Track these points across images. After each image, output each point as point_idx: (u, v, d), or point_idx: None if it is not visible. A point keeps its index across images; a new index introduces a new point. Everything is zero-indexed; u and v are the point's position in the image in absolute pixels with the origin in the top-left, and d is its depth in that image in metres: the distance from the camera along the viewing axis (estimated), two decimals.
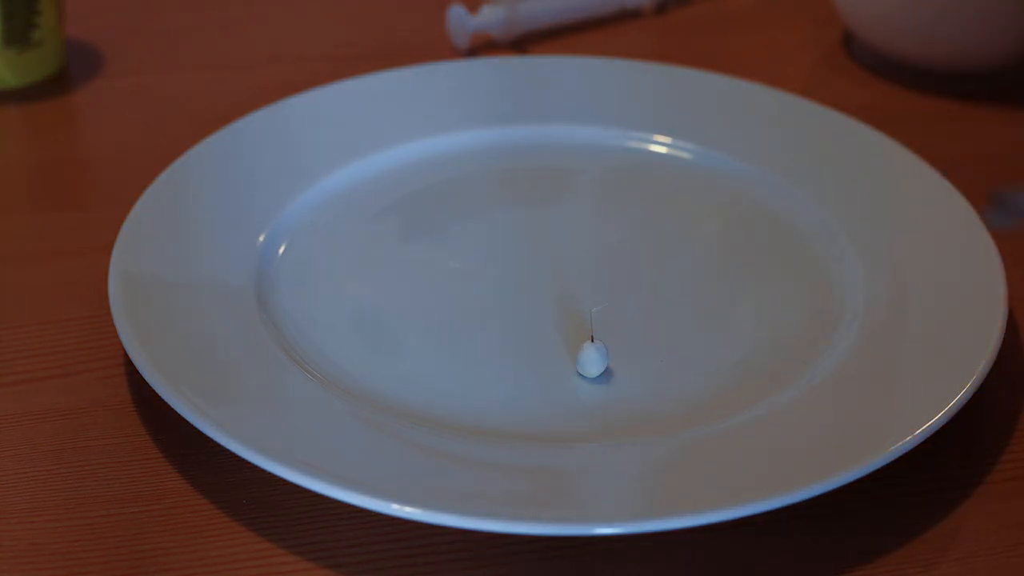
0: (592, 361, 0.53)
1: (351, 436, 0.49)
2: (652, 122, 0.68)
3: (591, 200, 0.65)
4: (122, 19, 0.82)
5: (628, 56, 0.74)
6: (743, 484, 0.47)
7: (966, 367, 0.50)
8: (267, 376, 0.52)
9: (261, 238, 0.60)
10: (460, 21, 0.77)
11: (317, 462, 0.47)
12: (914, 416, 0.49)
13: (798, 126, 0.66)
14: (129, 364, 0.55)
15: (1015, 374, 0.55)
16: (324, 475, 0.46)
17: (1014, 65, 0.73)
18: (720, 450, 0.49)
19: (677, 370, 0.54)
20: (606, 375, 0.53)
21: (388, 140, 0.66)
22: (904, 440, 0.47)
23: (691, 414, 0.51)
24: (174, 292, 0.55)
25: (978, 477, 0.50)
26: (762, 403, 0.51)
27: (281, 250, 0.60)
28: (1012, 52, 0.72)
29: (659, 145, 0.67)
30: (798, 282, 0.58)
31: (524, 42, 0.79)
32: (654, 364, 0.54)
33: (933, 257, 0.57)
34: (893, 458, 0.47)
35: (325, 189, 0.63)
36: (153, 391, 0.50)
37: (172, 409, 0.49)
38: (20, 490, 0.50)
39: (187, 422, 0.48)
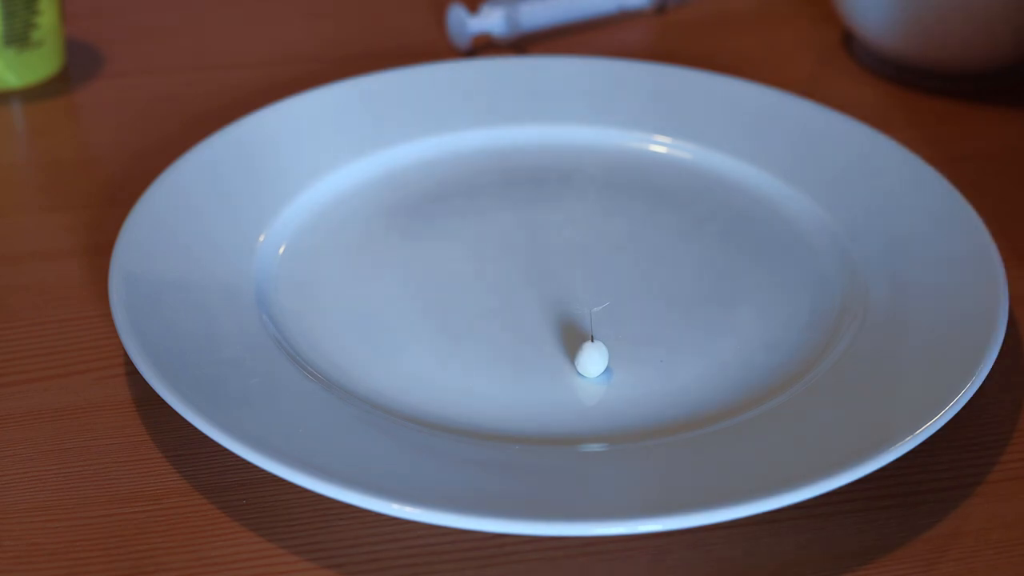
0: (592, 361, 0.53)
1: (351, 436, 0.49)
2: (652, 122, 0.68)
3: (591, 200, 0.65)
4: (122, 19, 0.82)
5: (628, 56, 0.74)
6: (743, 484, 0.47)
7: (966, 367, 0.50)
8: (267, 376, 0.52)
9: (261, 238, 0.60)
10: (460, 21, 0.77)
11: (317, 462, 0.47)
12: (914, 416, 0.49)
13: (798, 126, 0.66)
14: (129, 364, 0.55)
15: (1015, 374, 0.55)
16: (324, 475, 0.46)
17: (1013, 65, 0.73)
18: (720, 450, 0.49)
19: (677, 370, 0.54)
20: (606, 375, 0.53)
21: (388, 140, 0.66)
22: (904, 440, 0.47)
23: (691, 414, 0.51)
24: (174, 292, 0.55)
25: (978, 477, 0.50)
26: (762, 403, 0.51)
27: (281, 250, 0.60)
28: (1011, 52, 0.72)
29: (659, 145, 0.67)
30: (798, 282, 0.58)
31: (524, 42, 0.79)
32: (654, 364, 0.54)
33: (933, 257, 0.57)
34: (893, 458, 0.47)
35: (325, 189, 0.63)
36: (153, 391, 0.50)
37: (172, 409, 0.49)
38: (20, 490, 0.50)
39: (187, 422, 0.48)
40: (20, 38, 0.72)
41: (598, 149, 0.67)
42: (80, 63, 0.76)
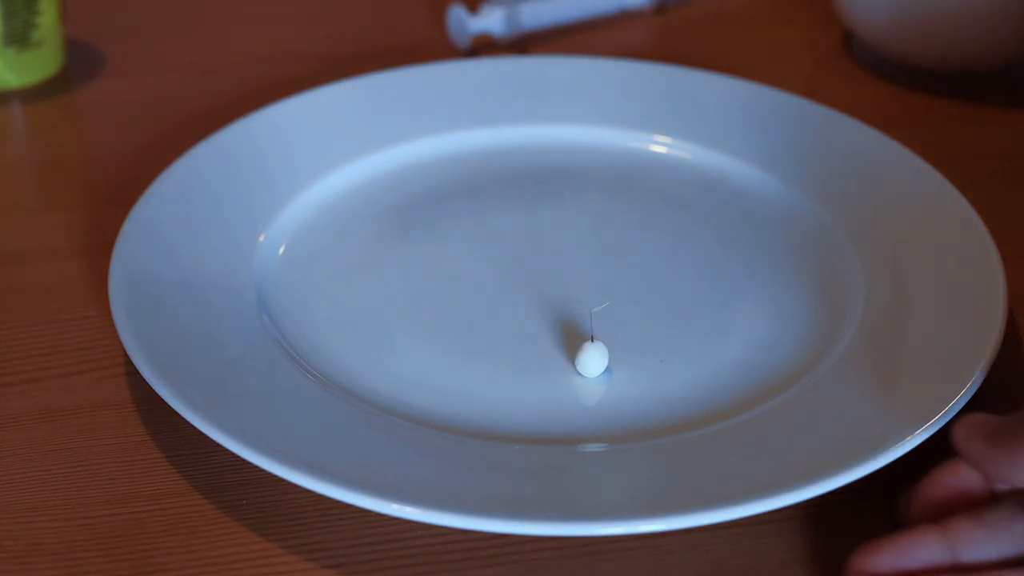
0: (592, 361, 0.53)
1: (351, 436, 0.49)
2: (652, 122, 0.68)
3: (591, 200, 0.65)
4: (122, 19, 0.82)
5: (628, 56, 0.74)
6: (743, 484, 0.47)
7: (966, 367, 0.50)
8: (267, 376, 0.52)
9: (261, 238, 0.60)
10: (460, 21, 0.77)
11: (317, 462, 0.47)
12: (914, 416, 0.49)
13: (798, 126, 0.66)
14: (129, 364, 0.55)
15: (1015, 374, 0.55)
16: (324, 475, 0.46)
17: (1014, 65, 0.73)
18: (720, 450, 0.49)
19: (677, 370, 0.54)
20: (606, 375, 0.53)
21: (388, 140, 0.66)
22: (904, 440, 0.47)
23: (691, 414, 0.51)
24: (174, 292, 0.55)
25: None
26: (762, 403, 0.51)
27: (281, 250, 0.60)
28: (1012, 52, 0.72)
29: (659, 145, 0.67)
30: (798, 282, 0.58)
31: (524, 42, 0.79)
32: (654, 364, 0.54)
33: (933, 257, 0.57)
34: (893, 458, 0.47)
35: (325, 189, 0.63)
36: (153, 391, 0.50)
37: (172, 409, 0.49)
38: (20, 490, 0.50)
39: (187, 422, 0.48)
40: (20, 38, 0.72)
41: (598, 149, 0.67)
42: (80, 63, 0.76)
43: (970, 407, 0.51)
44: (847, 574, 0.44)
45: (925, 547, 0.44)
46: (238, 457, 0.47)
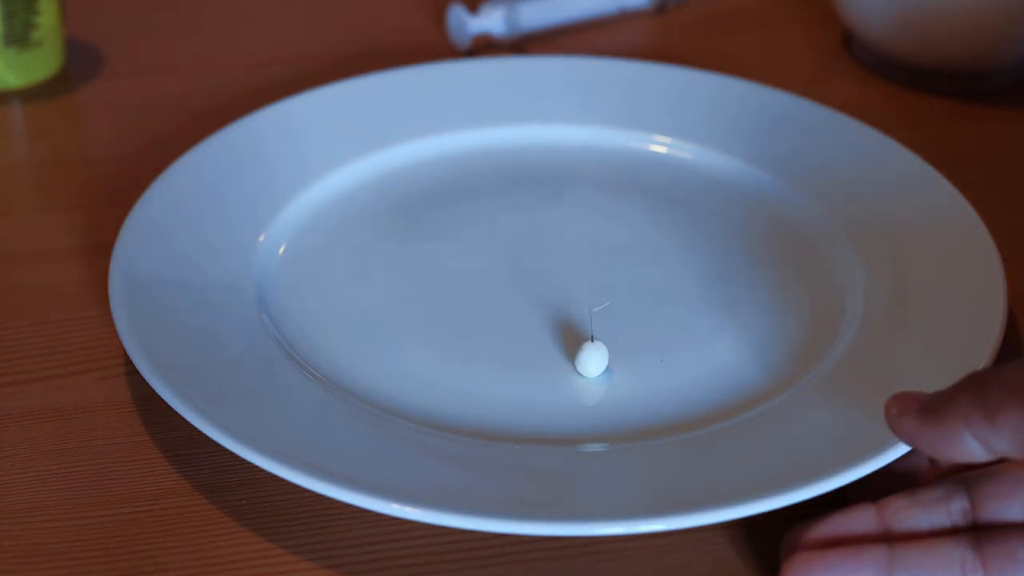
0: (592, 361, 0.53)
1: (351, 436, 0.49)
2: (652, 122, 0.68)
3: (591, 200, 0.65)
4: (122, 19, 0.82)
5: (628, 56, 0.74)
6: (743, 484, 0.47)
7: (966, 368, 0.50)
8: (267, 376, 0.52)
9: (261, 238, 0.60)
10: (460, 21, 0.77)
11: (317, 462, 0.47)
12: None
13: (798, 126, 0.66)
14: (129, 364, 0.55)
15: None
16: (324, 475, 0.46)
17: (1014, 65, 0.73)
18: (720, 450, 0.49)
19: (677, 370, 0.54)
20: (606, 375, 0.53)
21: (388, 140, 0.66)
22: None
23: (691, 414, 0.51)
24: (174, 292, 0.55)
25: None
26: (762, 403, 0.51)
27: (281, 250, 0.60)
28: (1012, 52, 0.72)
29: (659, 145, 0.67)
30: (798, 282, 0.58)
31: (524, 42, 0.79)
32: (654, 364, 0.54)
33: (933, 257, 0.57)
34: (893, 458, 0.47)
35: (325, 189, 0.63)
36: (153, 391, 0.50)
37: (172, 409, 0.49)
38: (20, 490, 0.50)
39: (187, 422, 0.48)
40: (20, 38, 0.72)
41: (598, 149, 0.67)
42: (80, 63, 0.76)
43: None
44: (784, 549, 0.45)
45: (858, 519, 0.45)
46: (238, 457, 0.47)
